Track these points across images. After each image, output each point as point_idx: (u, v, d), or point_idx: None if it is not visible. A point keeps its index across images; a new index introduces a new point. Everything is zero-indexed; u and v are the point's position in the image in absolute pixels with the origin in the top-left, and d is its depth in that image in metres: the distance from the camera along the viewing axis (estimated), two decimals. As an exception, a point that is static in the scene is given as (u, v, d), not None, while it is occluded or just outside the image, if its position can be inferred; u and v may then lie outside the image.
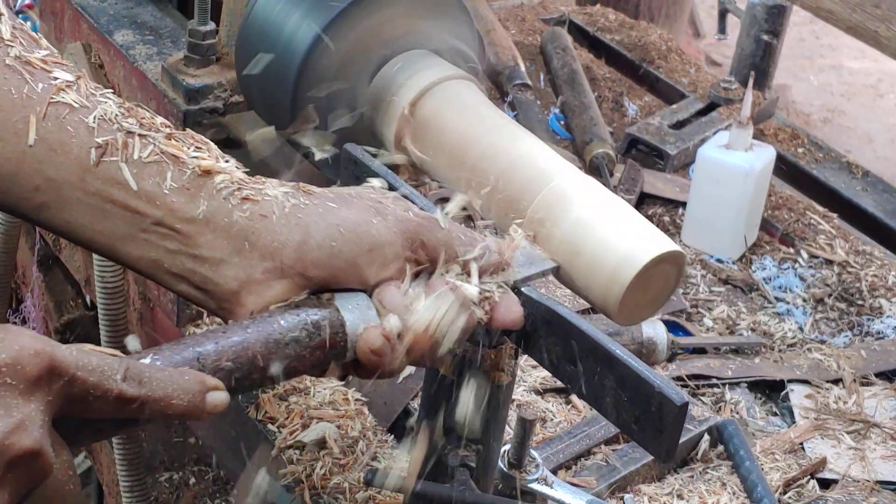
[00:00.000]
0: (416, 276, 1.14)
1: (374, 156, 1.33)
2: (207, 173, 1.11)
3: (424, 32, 1.49)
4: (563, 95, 2.35)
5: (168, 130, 1.13)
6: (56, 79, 1.11)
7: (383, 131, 1.45)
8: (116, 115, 1.11)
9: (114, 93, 1.15)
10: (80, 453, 2.35)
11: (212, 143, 1.15)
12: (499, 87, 2.35)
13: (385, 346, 1.09)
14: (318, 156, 1.40)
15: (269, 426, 1.56)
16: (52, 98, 1.10)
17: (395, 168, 1.47)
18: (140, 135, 1.11)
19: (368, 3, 1.45)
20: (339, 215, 1.12)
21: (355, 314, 1.10)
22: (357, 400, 1.60)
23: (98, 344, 1.85)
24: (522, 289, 1.17)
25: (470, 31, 1.55)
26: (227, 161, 1.14)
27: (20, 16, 4.67)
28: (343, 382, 1.64)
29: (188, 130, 1.16)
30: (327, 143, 1.41)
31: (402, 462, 1.48)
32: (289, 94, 1.48)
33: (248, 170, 1.15)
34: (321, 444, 1.52)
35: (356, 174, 1.31)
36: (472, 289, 1.14)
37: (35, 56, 1.12)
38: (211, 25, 1.65)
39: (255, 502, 1.41)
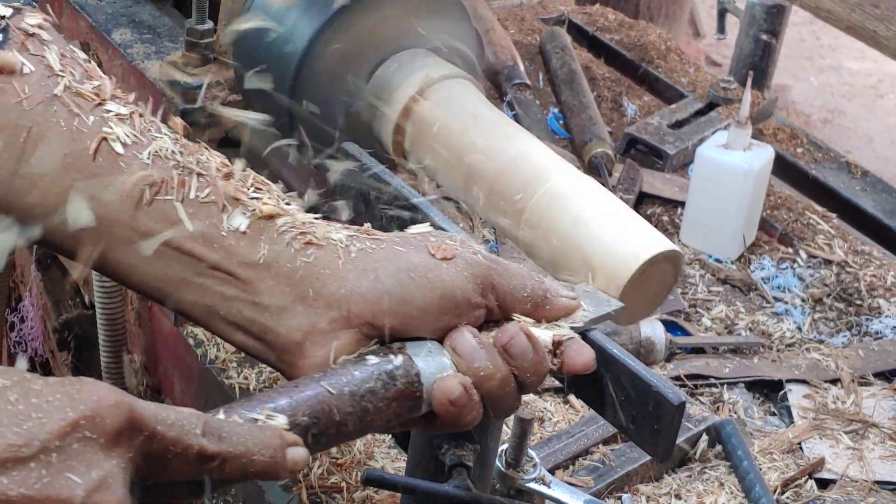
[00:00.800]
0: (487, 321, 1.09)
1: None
2: (270, 217, 1.06)
3: (422, 32, 1.49)
4: (562, 96, 2.35)
5: (227, 170, 1.07)
6: (108, 111, 1.05)
7: (381, 130, 1.45)
8: (172, 151, 1.06)
9: (169, 129, 1.10)
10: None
11: (272, 185, 1.09)
12: (497, 86, 2.35)
13: (463, 395, 1.03)
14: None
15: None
16: (105, 131, 1.04)
17: (392, 166, 1.47)
18: (198, 174, 1.05)
19: (366, 3, 1.45)
20: (409, 260, 1.05)
21: (429, 363, 1.04)
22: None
23: (97, 345, 1.84)
24: None
25: (468, 31, 1.55)
26: (288, 203, 1.09)
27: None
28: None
29: (248, 170, 1.09)
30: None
31: (401, 461, 1.48)
32: (286, 94, 1.48)
33: (313, 216, 1.09)
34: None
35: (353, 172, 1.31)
36: (545, 334, 1.09)
37: (86, 87, 1.06)
38: (209, 24, 1.65)
39: None
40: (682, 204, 2.10)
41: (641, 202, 2.14)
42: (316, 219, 1.09)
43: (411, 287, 1.04)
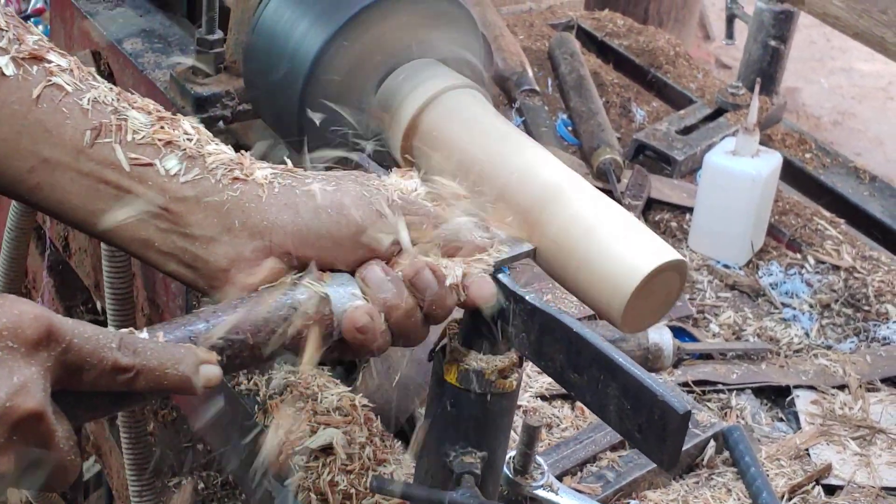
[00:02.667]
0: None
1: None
2: (199, 155, 1.14)
3: (430, 41, 1.50)
4: (570, 102, 2.35)
5: (160, 114, 1.16)
6: (50, 62, 1.13)
7: (389, 141, 1.46)
8: (110, 98, 1.14)
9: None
10: (90, 457, 2.36)
11: (202, 127, 1.18)
12: (507, 92, 2.36)
13: (369, 323, 1.11)
14: None
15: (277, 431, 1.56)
16: (48, 80, 1.12)
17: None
18: (133, 118, 1.14)
19: (374, 13, 1.46)
20: (327, 196, 1.14)
21: (340, 292, 1.12)
22: (364, 406, 1.61)
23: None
24: (527, 297, 1.18)
25: (475, 40, 1.56)
26: (217, 144, 1.17)
27: (32, 19, 4.67)
28: (350, 388, 1.64)
29: (179, 115, 1.19)
30: None
31: (409, 468, 1.49)
32: (296, 104, 1.48)
33: (238, 152, 1.19)
34: (328, 449, 1.53)
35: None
36: (456, 269, 1.17)
37: (29, 41, 1.14)
38: (219, 34, 1.66)
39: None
40: (691, 210, 2.10)
41: (650, 208, 2.15)
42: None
43: (328, 222, 1.13)
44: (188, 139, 1.15)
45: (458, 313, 1.24)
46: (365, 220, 1.14)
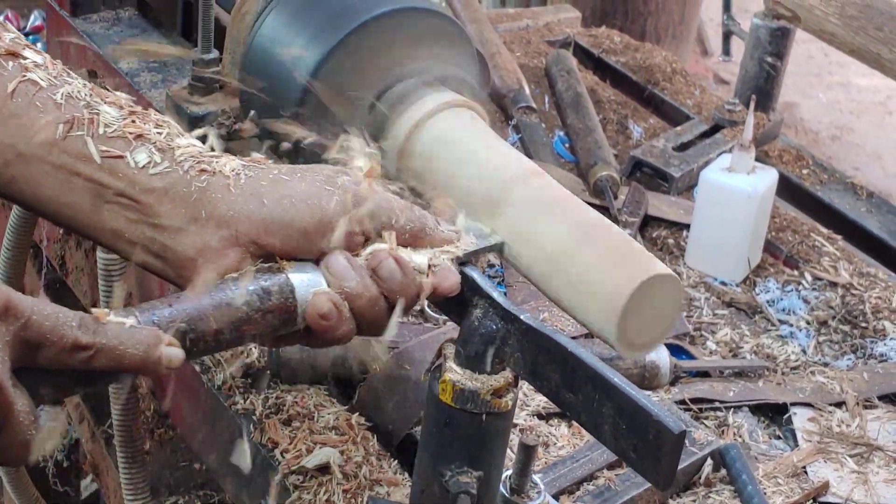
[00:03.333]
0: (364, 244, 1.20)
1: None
2: (168, 148, 1.17)
3: (424, 60, 1.50)
4: (567, 119, 2.36)
5: (132, 108, 1.19)
6: (26, 58, 1.17)
7: (384, 158, 1.46)
8: (83, 93, 1.17)
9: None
10: (88, 476, 2.36)
11: (171, 121, 1.21)
12: (503, 109, 2.36)
13: (333, 311, 1.14)
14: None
15: (273, 451, 1.56)
16: (23, 76, 1.15)
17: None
18: (105, 112, 1.17)
19: (368, 32, 1.46)
20: (292, 187, 1.17)
21: (304, 281, 1.15)
22: (361, 425, 1.61)
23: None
24: (522, 317, 1.18)
25: (470, 58, 1.56)
26: (186, 137, 1.20)
27: (31, 37, 4.66)
28: (347, 407, 1.64)
29: (151, 109, 1.21)
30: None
31: (406, 487, 1.48)
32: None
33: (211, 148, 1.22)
34: (325, 469, 1.53)
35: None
36: (421, 259, 1.20)
37: (6, 38, 1.17)
38: (214, 53, 1.67)
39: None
40: (688, 227, 2.10)
41: (647, 225, 2.15)
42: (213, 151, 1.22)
43: (292, 211, 1.16)
44: (158, 133, 1.18)
45: (454, 332, 1.24)
46: (330, 210, 1.17)
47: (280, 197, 1.16)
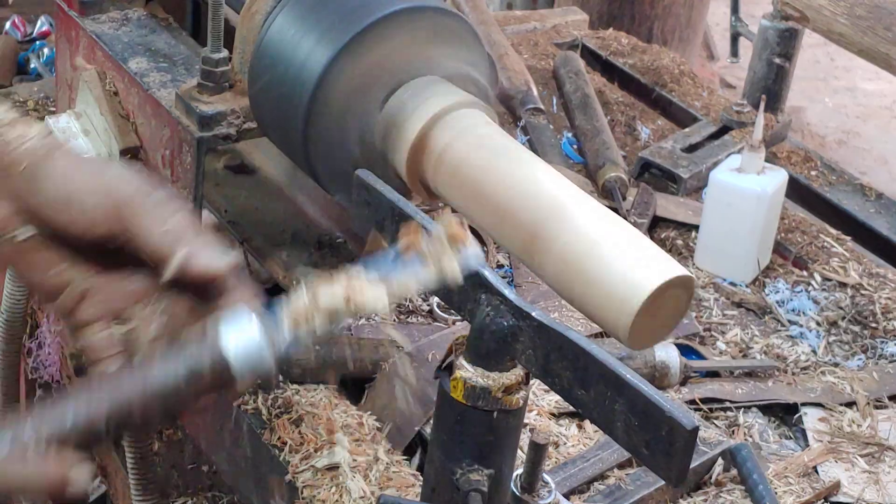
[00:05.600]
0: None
1: None
2: None
3: (435, 59, 1.50)
4: (575, 120, 2.36)
5: None
6: None
7: (394, 158, 1.46)
8: None
9: None
10: (96, 478, 2.36)
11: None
12: (511, 111, 2.36)
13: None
14: None
15: (283, 451, 1.56)
16: None
17: (407, 192, 1.47)
18: None
19: (379, 31, 1.46)
20: (88, 163, 1.11)
21: (238, 347, 0.99)
22: (371, 424, 1.60)
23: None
24: (534, 314, 1.17)
25: (481, 57, 1.56)
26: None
27: (38, 42, 4.63)
28: (356, 406, 1.64)
29: None
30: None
31: (417, 486, 1.48)
32: (300, 122, 1.49)
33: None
34: (335, 468, 1.53)
35: (368, 200, 1.31)
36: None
37: None
38: (224, 53, 1.67)
39: None
40: (697, 227, 2.10)
41: (655, 226, 2.15)
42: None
43: (79, 182, 1.07)
44: None
45: (465, 330, 1.24)
46: (128, 197, 1.06)
47: (66, 165, 1.08)
